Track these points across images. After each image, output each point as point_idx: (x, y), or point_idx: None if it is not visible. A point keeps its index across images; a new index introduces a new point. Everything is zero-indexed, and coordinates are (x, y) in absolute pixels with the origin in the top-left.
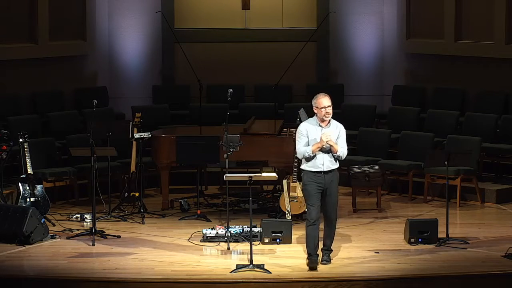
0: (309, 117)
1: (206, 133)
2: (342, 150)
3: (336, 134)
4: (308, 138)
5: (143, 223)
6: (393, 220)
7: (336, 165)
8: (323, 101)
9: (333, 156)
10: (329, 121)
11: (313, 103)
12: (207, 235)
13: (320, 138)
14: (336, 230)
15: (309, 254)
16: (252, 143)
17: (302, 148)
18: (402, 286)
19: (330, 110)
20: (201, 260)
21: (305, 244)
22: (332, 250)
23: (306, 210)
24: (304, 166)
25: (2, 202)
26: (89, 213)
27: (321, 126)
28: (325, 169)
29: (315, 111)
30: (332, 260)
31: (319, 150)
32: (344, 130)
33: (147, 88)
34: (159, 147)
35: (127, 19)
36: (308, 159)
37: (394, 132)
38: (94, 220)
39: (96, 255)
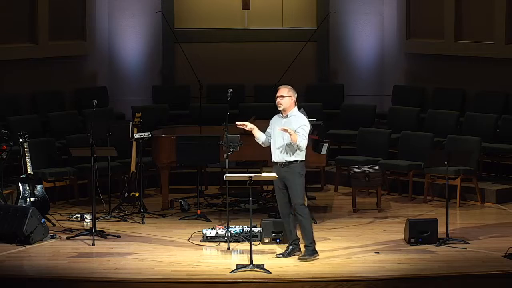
0: (308, 117)
1: (206, 133)
2: (301, 140)
3: (292, 127)
4: (271, 128)
5: (143, 223)
6: (393, 220)
7: (292, 158)
8: (279, 91)
9: (287, 148)
10: (287, 112)
11: None
12: (207, 235)
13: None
14: (336, 230)
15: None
16: (252, 143)
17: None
18: (402, 286)
19: (281, 100)
20: (201, 260)
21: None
22: (310, 246)
23: None
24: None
25: (2, 202)
26: (89, 213)
27: (282, 117)
28: (275, 160)
29: None
30: (328, 260)
31: (268, 141)
32: (305, 123)
33: (147, 88)
34: (159, 147)
35: (127, 19)
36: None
37: (394, 132)
38: (94, 220)
39: (96, 255)
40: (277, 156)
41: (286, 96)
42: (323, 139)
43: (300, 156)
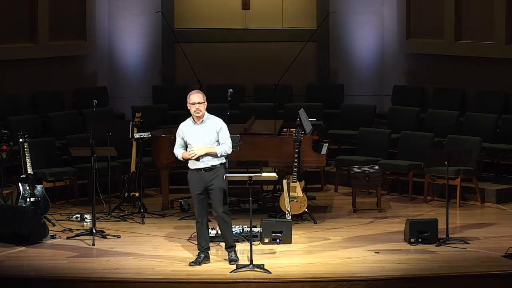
0: (308, 117)
1: None
2: (221, 148)
3: (214, 130)
4: (183, 138)
5: (143, 223)
6: (393, 220)
7: (218, 161)
8: (194, 97)
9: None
10: (203, 118)
11: (187, 101)
12: None
13: (189, 153)
14: (336, 230)
15: (199, 251)
16: (252, 143)
17: (176, 150)
18: (402, 286)
19: (200, 106)
20: None
21: (304, 244)
22: (235, 246)
23: (306, 210)
24: (188, 163)
25: (2, 202)
26: (89, 213)
27: (196, 124)
28: (203, 166)
29: (188, 107)
30: (328, 260)
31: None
32: (225, 125)
33: (147, 88)
34: (159, 147)
35: (127, 19)
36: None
37: (394, 132)
38: (94, 220)
39: (96, 255)
40: (204, 161)
41: (202, 102)
42: (323, 139)
43: (223, 158)
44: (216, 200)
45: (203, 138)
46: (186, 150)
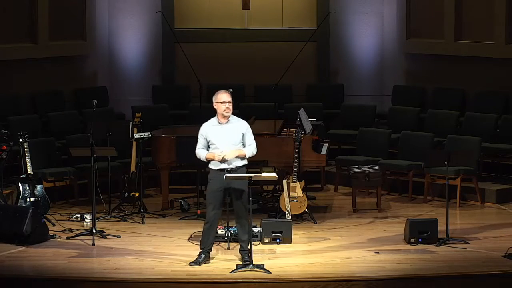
0: (308, 117)
1: None
2: (250, 150)
3: (240, 132)
4: (206, 139)
5: (143, 223)
6: (393, 220)
7: (241, 162)
8: (224, 96)
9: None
10: (229, 118)
11: (213, 100)
12: None
13: (216, 155)
14: (336, 230)
15: (200, 251)
16: None
17: (199, 151)
18: (402, 286)
19: (230, 106)
20: None
21: (304, 244)
22: (249, 250)
23: (306, 210)
24: (210, 164)
25: (2, 202)
26: (89, 213)
27: (221, 124)
28: (222, 167)
29: (215, 107)
30: (328, 260)
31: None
32: (249, 127)
33: (147, 88)
34: (159, 147)
35: (127, 19)
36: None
37: (394, 132)
38: (94, 220)
39: (96, 255)
40: (227, 163)
41: (231, 102)
42: (323, 139)
43: (245, 160)
44: (239, 202)
45: (229, 138)
46: (208, 150)
